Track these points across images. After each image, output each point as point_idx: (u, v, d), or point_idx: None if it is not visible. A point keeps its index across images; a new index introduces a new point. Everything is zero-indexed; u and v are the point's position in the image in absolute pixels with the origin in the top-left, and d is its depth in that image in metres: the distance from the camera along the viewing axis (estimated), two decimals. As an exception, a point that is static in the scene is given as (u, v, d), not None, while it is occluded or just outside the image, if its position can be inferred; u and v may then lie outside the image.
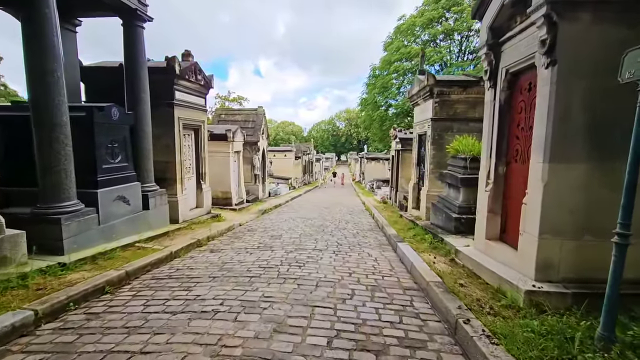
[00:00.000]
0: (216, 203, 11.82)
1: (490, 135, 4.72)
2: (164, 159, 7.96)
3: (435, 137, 8.24)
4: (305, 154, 34.97)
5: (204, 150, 9.58)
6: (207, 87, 9.39)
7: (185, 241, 6.65)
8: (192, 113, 8.77)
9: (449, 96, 8.05)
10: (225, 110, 16.41)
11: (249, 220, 10.27)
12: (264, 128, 16.44)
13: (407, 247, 6.23)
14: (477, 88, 7.93)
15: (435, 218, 7.46)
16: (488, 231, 4.73)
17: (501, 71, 4.51)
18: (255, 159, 15.25)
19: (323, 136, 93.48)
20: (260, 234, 8.04)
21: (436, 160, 8.28)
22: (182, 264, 5.48)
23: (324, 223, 9.72)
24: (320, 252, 6.20)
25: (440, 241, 6.17)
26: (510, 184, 4.52)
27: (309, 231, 8.36)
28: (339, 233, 8.22)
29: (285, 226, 9.09)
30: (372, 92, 33.52)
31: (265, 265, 5.31)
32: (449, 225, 6.46)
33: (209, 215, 9.61)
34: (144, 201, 6.83)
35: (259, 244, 6.85)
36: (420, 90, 8.61)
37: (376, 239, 7.65)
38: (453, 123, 8.19)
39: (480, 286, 4.15)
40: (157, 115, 7.73)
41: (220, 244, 6.94)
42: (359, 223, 9.99)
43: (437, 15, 29.60)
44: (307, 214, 11.64)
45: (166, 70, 7.60)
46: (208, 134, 11.58)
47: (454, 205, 6.57)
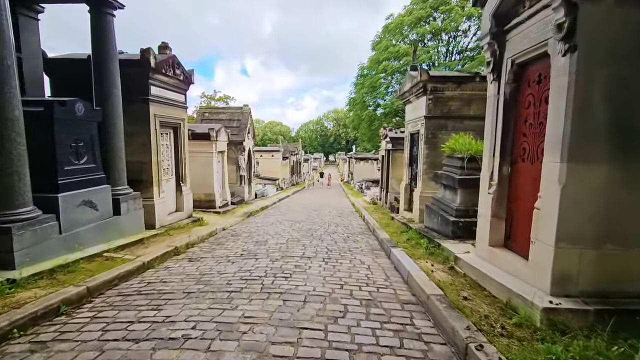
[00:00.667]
0: (199, 206, 11.22)
1: (494, 132, 4.32)
2: (138, 159, 7.35)
3: (428, 136, 7.86)
4: (293, 154, 34.42)
5: (184, 150, 8.98)
6: (187, 83, 8.80)
7: (161, 249, 6.08)
8: (171, 110, 8.17)
9: (443, 93, 7.68)
10: (209, 109, 15.77)
11: (234, 224, 9.71)
12: (250, 127, 15.86)
13: (402, 253, 5.81)
14: (472, 84, 7.58)
15: (429, 221, 7.06)
16: (491, 237, 4.33)
17: (506, 62, 4.11)
18: (240, 160, 14.66)
19: (311, 136, 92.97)
20: (245, 239, 7.51)
21: (430, 160, 7.90)
22: (155, 277, 4.92)
23: (312, 227, 9.24)
24: (309, 260, 5.72)
25: (437, 247, 5.76)
26: (517, 185, 4.12)
27: (296, 236, 7.87)
28: (328, 238, 7.75)
29: (271, 230, 8.57)
30: (361, 91, 33.23)
31: (248, 276, 4.80)
32: (446, 229, 6.07)
33: (189, 219, 9.01)
34: (115, 206, 6.22)
35: (243, 251, 6.33)
36: (412, 86, 8.23)
37: (368, 244, 7.22)
38: (447, 121, 7.82)
39: (486, 300, 3.74)
40: (131, 112, 7.12)
41: (200, 252, 6.39)
42: (349, 226, 9.55)
43: (425, 15, 29.47)
44: (295, 217, 11.14)
45: (140, 63, 6.99)
46: (189, 133, 10.98)
47: (450, 207, 6.18)
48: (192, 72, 8.97)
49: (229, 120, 15.36)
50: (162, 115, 7.78)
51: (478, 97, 7.72)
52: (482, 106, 7.95)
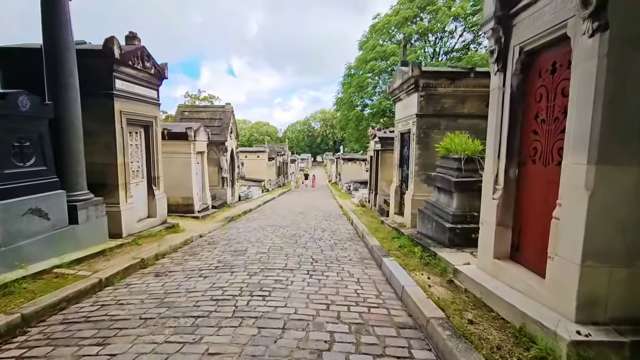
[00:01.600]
0: (175, 210, 10.48)
1: (499, 130, 3.82)
2: (102, 160, 6.61)
3: (420, 135, 7.37)
4: (280, 154, 33.71)
5: (156, 151, 8.25)
6: (160, 78, 8.08)
7: (125, 262, 5.38)
8: (140, 107, 7.44)
9: (435, 89, 7.20)
10: (189, 107, 14.99)
11: (212, 230, 9.02)
12: (233, 127, 15.14)
13: (394, 263, 5.27)
14: (467, 80, 7.12)
15: (423, 226, 6.56)
16: (497, 248, 3.82)
17: (513, 50, 3.61)
18: (222, 161, 13.94)
19: (298, 137, 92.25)
20: (222, 248, 6.85)
21: (422, 161, 7.41)
22: (112, 296, 4.24)
23: (297, 232, 8.64)
24: (292, 273, 5.12)
25: (433, 256, 5.25)
26: (526, 190, 3.63)
27: (279, 243, 7.25)
28: (314, 245, 7.16)
29: (252, 237, 7.93)
30: (348, 91, 32.79)
31: (220, 296, 4.16)
32: (442, 237, 5.56)
33: (163, 225, 8.29)
34: (72, 213, 5.49)
35: (218, 263, 5.68)
36: (403, 83, 7.73)
37: (357, 252, 6.66)
38: (440, 119, 7.35)
39: (495, 323, 3.21)
40: (93, 109, 6.39)
41: (170, 264, 5.71)
42: (337, 231, 8.99)
43: (412, 15, 29.24)
44: (279, 221, 10.51)
45: (103, 53, 6.27)
46: (165, 132, 10.25)
47: (446, 212, 5.68)
48: (166, 67, 8.25)
49: (210, 119, 14.62)
50: (130, 112, 7.06)
51: (473, 95, 7.27)
52: (477, 104, 7.54)
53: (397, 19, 29.35)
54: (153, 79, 7.82)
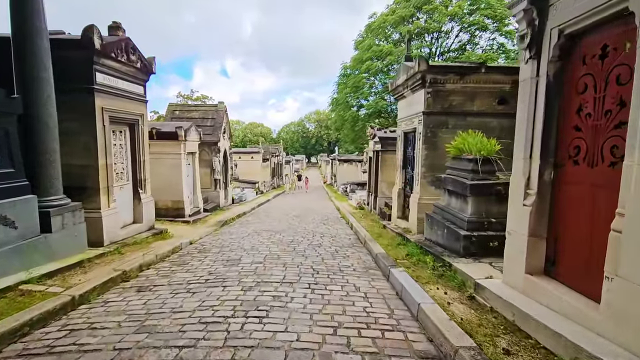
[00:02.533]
0: (165, 215, 9.88)
1: (530, 126, 3.33)
2: (81, 162, 6.02)
3: (427, 135, 6.89)
4: (274, 155, 33.12)
5: (143, 151, 7.66)
6: (147, 72, 7.50)
7: (104, 275, 4.81)
8: (125, 103, 6.86)
9: (443, 85, 6.73)
10: (180, 106, 14.37)
11: (204, 235, 8.45)
12: (226, 127, 14.56)
13: (405, 275, 4.76)
14: (477, 76, 6.66)
15: (432, 233, 6.07)
16: (529, 262, 3.33)
17: (549, 34, 3.13)
18: (215, 162, 13.34)
19: (293, 138, 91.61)
20: (214, 256, 6.29)
21: (429, 162, 6.93)
22: (85, 318, 3.67)
23: (295, 238, 8.10)
24: (291, 287, 4.58)
25: (448, 267, 4.75)
26: (564, 195, 3.14)
27: (276, 251, 6.71)
28: (313, 253, 6.63)
29: (247, 244, 7.37)
30: (344, 91, 32.34)
31: (210, 317, 3.61)
32: (455, 245, 5.07)
33: (150, 232, 7.69)
34: (44, 221, 4.90)
35: (209, 275, 5.12)
36: (408, 79, 7.25)
37: (360, 260, 6.15)
38: (448, 117, 6.88)
39: (536, 354, 2.71)
40: (71, 104, 5.81)
41: (155, 276, 5.14)
42: (337, 236, 8.47)
43: (409, 14, 28.88)
44: (275, 226, 9.96)
45: (81, 44, 5.68)
46: (154, 132, 9.67)
47: (459, 218, 5.19)
48: (153, 61, 7.68)
49: (202, 118, 14.02)
50: (113, 109, 6.47)
51: (483, 91, 6.82)
52: (487, 101, 7.08)
53: (394, 18, 28.98)
54: (139, 73, 7.23)
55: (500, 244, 4.80)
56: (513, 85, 6.79)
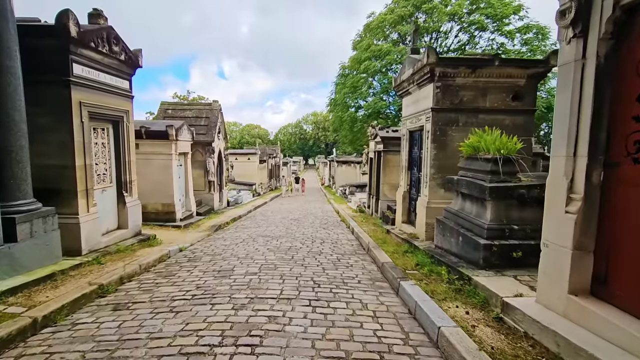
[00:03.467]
0: (155, 219, 9.29)
1: (575, 117, 2.81)
2: (56, 162, 5.44)
3: (436, 133, 6.35)
4: (272, 157, 32.54)
5: (128, 151, 7.08)
6: (132, 66, 6.93)
7: (77, 290, 4.24)
8: (107, 98, 6.28)
9: (454, 80, 6.21)
10: (173, 105, 13.78)
11: (195, 241, 7.87)
12: (221, 126, 13.99)
13: (417, 290, 4.22)
14: (490, 69, 6.14)
15: (443, 240, 5.53)
16: (573, 281, 2.80)
17: (601, 6, 2.61)
18: (209, 163, 12.76)
19: (290, 139, 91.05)
20: (204, 266, 5.73)
21: (438, 163, 6.39)
22: (45, 346, 3.11)
23: (293, 244, 7.54)
24: (289, 305, 4.02)
25: (467, 281, 4.20)
26: (619, 200, 2.61)
27: (273, 260, 6.15)
28: (313, 261, 6.08)
29: (241, 251, 6.81)
30: (342, 91, 31.85)
31: (193, 346, 3.05)
32: (473, 255, 4.53)
33: (136, 238, 7.10)
34: (8, 228, 4.31)
35: (196, 290, 4.55)
36: (414, 72, 6.72)
37: (365, 270, 5.60)
38: (459, 114, 6.36)
39: (596, 400, 2.17)
40: (45, 98, 5.28)
41: (136, 291, 4.57)
42: (338, 242, 7.92)
43: (408, 13, 28.48)
44: (272, 231, 9.39)
45: (55, 31, 5.12)
46: (143, 130, 9.11)
47: (477, 225, 4.65)
48: (140, 53, 7.11)
49: (195, 117, 13.45)
50: (93, 104, 5.90)
51: (496, 86, 6.30)
52: (500, 97, 6.56)
53: (393, 18, 28.55)
54: (124, 66, 6.66)
55: (525, 255, 4.29)
56: (528, 79, 6.29)
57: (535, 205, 4.51)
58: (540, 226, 4.54)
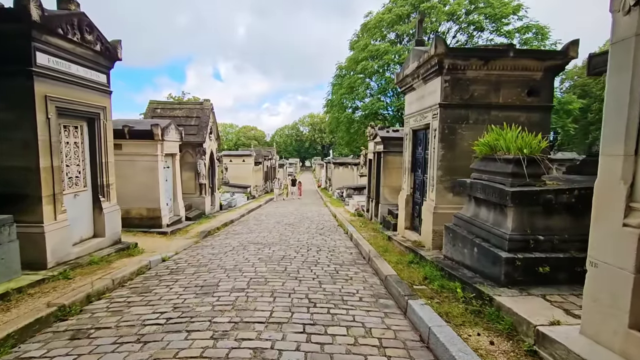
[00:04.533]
0: (139, 225, 8.65)
1: (636, 104, 2.22)
2: (17, 163, 4.80)
3: (444, 131, 5.78)
4: (267, 158, 31.90)
5: (106, 152, 6.44)
6: (110, 58, 6.31)
7: (31, 314, 3.63)
8: (80, 93, 5.66)
9: (464, 72, 5.65)
10: (162, 104, 13.13)
11: (181, 249, 7.24)
12: (213, 126, 13.36)
13: (429, 311, 3.62)
14: (503, 61, 5.58)
15: (454, 250, 4.95)
16: (635, 311, 2.22)
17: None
18: (200, 165, 12.12)
19: (286, 141, 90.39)
20: (187, 280, 5.11)
21: (446, 164, 5.82)
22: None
23: (287, 253, 6.93)
24: (280, 332, 3.41)
25: (487, 302, 3.61)
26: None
27: (263, 272, 5.53)
28: (309, 274, 5.47)
29: (229, 262, 6.18)
30: (339, 92, 31.32)
31: (156, 394, 2.43)
32: (492, 269, 3.94)
33: (114, 247, 6.46)
34: (-50, 242, 3.67)
35: (173, 311, 3.93)
36: (420, 65, 6.15)
37: (366, 284, 5.00)
38: (469, 111, 5.79)
39: None
40: (5, 91, 4.70)
41: (103, 312, 3.95)
42: (335, 250, 7.31)
43: (406, 13, 28.02)
44: (265, 237, 8.77)
45: (14, 14, 4.49)
46: (126, 130, 8.48)
47: (496, 235, 4.07)
48: (119, 45, 6.49)
49: (186, 117, 12.81)
50: (63, 98, 5.27)
51: (510, 80, 5.75)
52: (514, 91, 5.99)
53: (390, 17, 28.07)
54: (100, 58, 6.04)
55: (553, 270, 3.71)
56: (545, 73, 5.74)
57: (564, 213, 3.95)
58: (569, 237, 4.01)
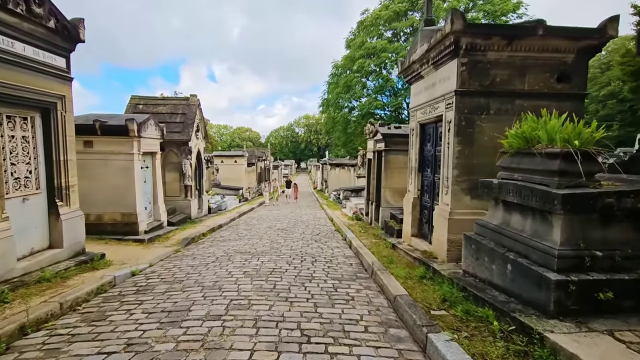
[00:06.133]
0: (112, 231, 7.70)
1: None
2: (-63, 160, 3.86)
3: (461, 124, 4.93)
4: (261, 159, 30.95)
5: (65, 148, 5.51)
6: (70, 39, 5.38)
7: None
8: (29, 77, 4.74)
9: (484, 54, 4.80)
10: (144, 99, 12.15)
11: (157, 260, 6.33)
12: (200, 124, 12.43)
13: (459, 353, 2.75)
14: (530, 41, 4.74)
15: (477, 265, 4.08)
16: None
17: None
18: (185, 165, 11.17)
19: (282, 143, 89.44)
20: (153, 303, 4.19)
21: (463, 162, 4.96)
22: None
23: (277, 264, 6.03)
24: (260, 386, 2.51)
25: (536, 339, 2.74)
26: None
27: (248, 290, 4.63)
28: (302, 293, 4.58)
29: (209, 277, 5.28)
30: (335, 91, 30.55)
31: None
32: (536, 294, 3.08)
33: (75, 259, 5.52)
34: None
35: (125, 350, 3.02)
36: (431, 48, 5.29)
37: (372, 307, 4.12)
38: (490, 100, 4.94)
39: None
40: None
41: (35, 352, 3.04)
42: (333, 261, 6.42)
43: (404, 9, 27.30)
44: (254, 245, 7.85)
45: None
46: (97, 125, 7.56)
47: (538, 249, 3.21)
48: (81, 24, 5.58)
49: (170, 114, 11.88)
50: (3, 82, 4.34)
51: (537, 63, 4.92)
52: (541, 77, 5.11)
53: (388, 14, 27.37)
54: (56, 38, 5.12)
55: (617, 296, 2.86)
56: (578, 55, 4.91)
57: (626, 222, 3.10)
58: (633, 252, 3.17)
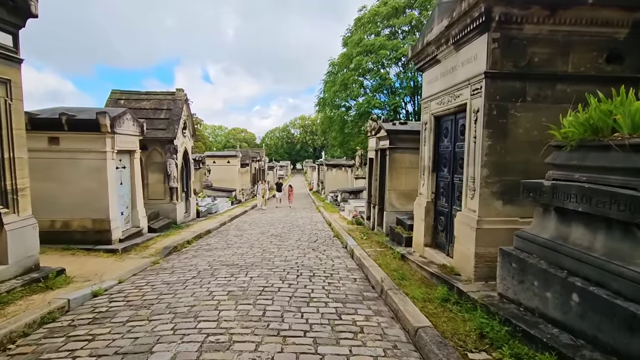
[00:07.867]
0: (81, 240, 6.75)
1: None
2: None
3: (492, 113, 4.06)
4: (255, 160, 29.99)
5: (11, 144, 4.56)
6: (16, 11, 4.44)
7: None
8: (-46, 52, 3.78)
9: (520, 28, 3.95)
10: (126, 94, 11.13)
11: (129, 275, 5.40)
12: (187, 121, 11.47)
13: None
14: (577, 11, 3.88)
15: (521, 290, 3.20)
16: None
17: None
18: (170, 165, 10.21)
19: (277, 144, 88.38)
20: (108, 338, 3.27)
21: (494, 160, 4.08)
22: None
23: (268, 281, 5.12)
24: None
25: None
26: None
27: (230, 319, 3.71)
28: (298, 324, 3.66)
29: (185, 299, 4.35)
30: (331, 89, 29.69)
31: None
32: (625, 339, 2.20)
33: (23, 278, 4.57)
34: None
35: None
36: (453, 23, 4.42)
37: (386, 342, 3.23)
38: (526, 84, 4.08)
39: None
40: None
41: None
42: (334, 275, 5.52)
43: (402, 5, 26.53)
44: (244, 254, 6.93)
45: None
46: (64, 119, 6.61)
47: (625, 277, 2.33)
48: (34, -6, 4.62)
49: (155, 109, 10.91)
50: None
51: (582, 40, 4.07)
52: (588, 56, 4.16)
53: (386, 10, 26.58)
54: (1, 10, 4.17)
55: None
56: (633, 29, 4.06)
57: None
58: None
